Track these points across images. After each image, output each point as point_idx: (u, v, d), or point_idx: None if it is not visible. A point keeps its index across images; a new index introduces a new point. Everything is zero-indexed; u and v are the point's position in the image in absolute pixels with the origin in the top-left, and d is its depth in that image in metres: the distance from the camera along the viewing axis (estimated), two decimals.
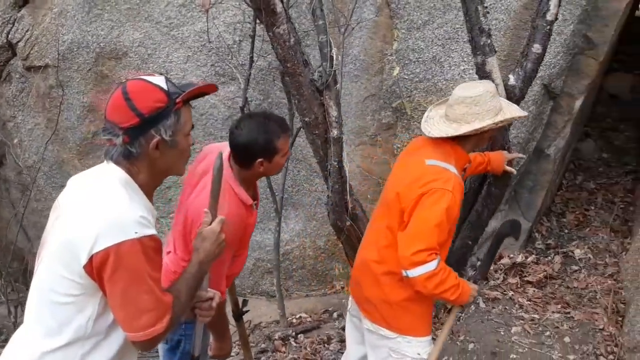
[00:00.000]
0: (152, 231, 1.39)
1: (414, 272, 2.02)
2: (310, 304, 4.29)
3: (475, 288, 2.22)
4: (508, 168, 2.71)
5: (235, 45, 4.29)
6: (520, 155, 2.91)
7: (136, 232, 1.34)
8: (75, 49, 4.55)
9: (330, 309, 4.15)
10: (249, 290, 4.67)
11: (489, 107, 2.14)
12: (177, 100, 1.44)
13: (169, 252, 2.20)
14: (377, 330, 2.26)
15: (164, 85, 1.45)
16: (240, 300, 2.65)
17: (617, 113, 6.50)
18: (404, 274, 2.06)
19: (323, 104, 2.92)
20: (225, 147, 2.19)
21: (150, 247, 1.38)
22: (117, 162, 1.45)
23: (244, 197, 2.12)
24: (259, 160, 2.08)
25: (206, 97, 4.46)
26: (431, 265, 2.01)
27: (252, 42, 3.64)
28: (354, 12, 3.84)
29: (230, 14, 4.28)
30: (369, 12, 4.09)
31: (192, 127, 1.56)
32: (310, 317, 4.14)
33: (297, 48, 2.75)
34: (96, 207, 1.38)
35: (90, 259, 1.33)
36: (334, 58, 2.91)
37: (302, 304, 4.29)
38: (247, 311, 2.65)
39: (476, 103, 2.12)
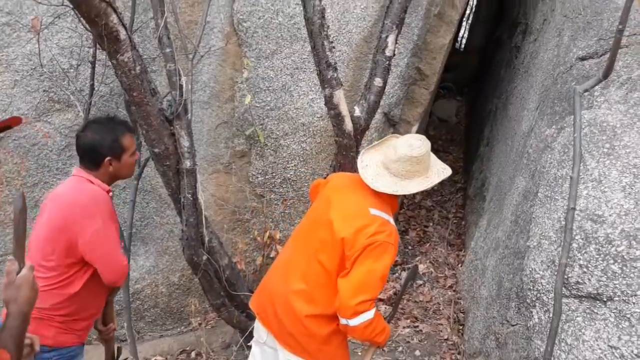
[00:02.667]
0: None
1: (356, 321, 2.08)
2: (165, 345, 4.04)
3: (390, 329, 2.33)
4: None
5: (72, 70, 3.96)
6: None
7: None
8: None
9: (187, 349, 3.95)
10: (94, 336, 4.26)
11: (427, 164, 2.28)
12: None
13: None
14: None
15: None
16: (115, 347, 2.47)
17: (446, 135, 7.24)
18: (344, 322, 2.10)
19: (173, 133, 2.81)
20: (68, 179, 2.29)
21: None
22: None
23: (100, 184, 2.22)
24: (107, 159, 2.22)
25: (38, 125, 4.08)
26: (370, 314, 2.09)
27: (93, 69, 3.39)
28: (201, 39, 3.77)
29: (65, 36, 3.95)
30: (217, 40, 4.05)
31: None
32: (166, 359, 3.90)
33: (144, 76, 2.61)
34: None
35: None
36: (184, 86, 2.82)
37: (156, 346, 4.03)
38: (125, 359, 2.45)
39: (418, 162, 2.24)
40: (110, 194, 2.29)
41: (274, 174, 4.17)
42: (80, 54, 3.92)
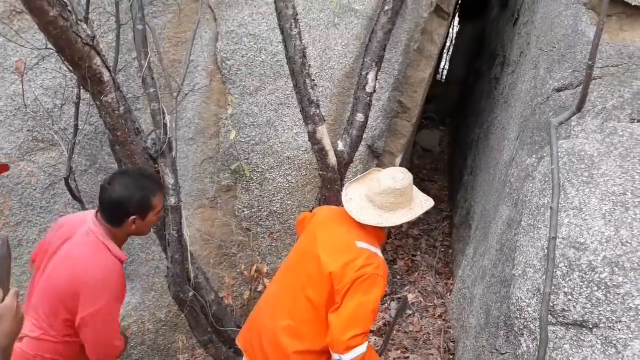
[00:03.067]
0: None
1: (349, 356, 2.07)
2: None
3: None
4: None
5: (56, 109, 3.97)
6: None
7: None
8: None
9: None
10: None
11: (410, 196, 2.32)
12: None
13: (24, 338, 2.01)
14: None
15: None
16: None
17: (431, 165, 7.32)
18: (337, 357, 2.09)
19: (158, 172, 2.82)
20: (85, 214, 2.13)
21: None
22: None
23: (118, 254, 2.03)
24: (133, 218, 2.04)
25: (22, 165, 4.06)
26: (363, 348, 2.08)
27: (77, 109, 3.41)
28: (186, 77, 3.82)
29: (50, 76, 3.98)
30: (201, 78, 4.11)
31: None
32: None
33: (128, 116, 2.63)
34: None
35: None
36: (168, 125, 2.85)
37: None
38: None
39: (402, 194, 2.28)
40: (124, 262, 2.12)
41: (260, 208, 4.18)
42: (65, 94, 3.95)
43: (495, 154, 4.22)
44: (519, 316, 2.44)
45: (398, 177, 2.30)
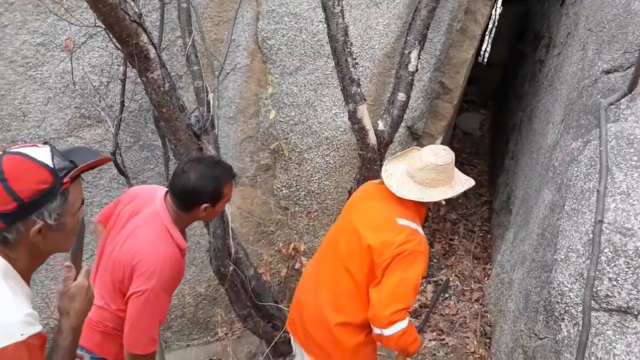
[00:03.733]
0: (38, 328, 1.22)
1: (390, 331, 2.09)
2: (192, 355, 4.09)
3: (423, 340, 2.36)
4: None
5: (102, 87, 4.08)
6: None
7: (22, 334, 1.17)
8: None
9: (213, 358, 3.99)
10: None
11: (451, 174, 2.30)
12: (65, 180, 1.24)
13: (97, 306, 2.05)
14: None
15: (48, 161, 1.23)
16: None
17: (471, 148, 7.20)
18: (379, 331, 2.11)
19: (201, 148, 2.88)
20: (155, 190, 2.13)
21: (36, 346, 1.20)
22: None
23: (179, 241, 2.04)
24: (205, 205, 2.04)
25: (70, 140, 4.21)
26: (404, 323, 2.11)
27: (123, 86, 3.50)
28: (227, 56, 3.86)
29: (96, 55, 4.08)
30: (242, 57, 4.14)
31: (83, 201, 1.35)
32: None
33: (173, 93, 2.69)
34: None
35: None
36: (211, 102, 2.90)
37: (183, 355, 4.08)
38: None
39: (443, 170, 2.26)
40: (184, 249, 2.12)
41: (298, 187, 4.22)
42: (111, 71, 4.05)
43: (539, 138, 4.12)
44: (560, 301, 2.40)
45: (440, 153, 2.28)
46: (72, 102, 4.14)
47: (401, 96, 2.94)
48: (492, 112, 8.24)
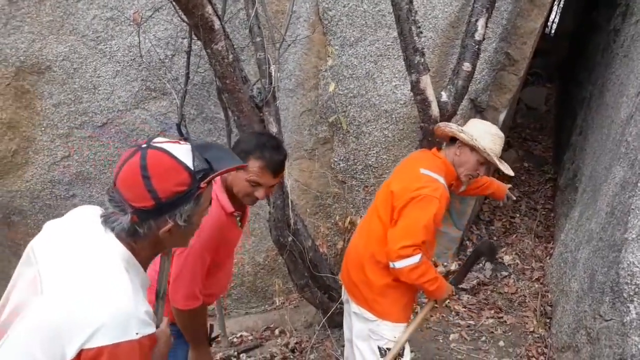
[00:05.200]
0: (152, 329, 1.22)
1: (400, 264, 2.25)
2: (250, 322, 4.22)
3: (451, 288, 2.50)
4: (510, 194, 2.98)
5: (167, 60, 4.19)
6: (514, 197, 3.13)
7: (137, 333, 1.17)
8: None
9: (271, 326, 4.10)
10: None
11: (499, 153, 2.42)
12: (202, 185, 1.24)
13: None
14: (361, 313, 2.47)
15: (189, 162, 1.23)
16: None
17: (535, 124, 6.93)
18: (391, 265, 2.28)
19: (263, 120, 2.91)
20: None
21: (147, 346, 1.20)
22: (118, 236, 1.24)
23: (225, 204, 2.05)
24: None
25: (137, 112, 4.36)
26: (415, 259, 2.24)
27: (188, 58, 3.57)
28: (288, 28, 3.86)
29: (161, 28, 4.19)
30: (303, 29, 4.13)
31: (211, 202, 1.35)
32: (252, 335, 4.07)
33: (236, 65, 2.72)
34: (96, 295, 1.16)
35: (79, 354, 1.13)
36: (273, 74, 2.91)
37: (242, 322, 4.22)
38: (216, 337, 2.55)
39: (501, 144, 2.43)
40: (236, 214, 2.10)
41: (355, 161, 4.21)
42: (175, 44, 4.14)
43: (611, 112, 3.91)
44: (629, 282, 2.31)
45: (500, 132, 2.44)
46: (138, 75, 4.28)
47: (466, 66, 2.85)
48: (558, 86, 7.86)
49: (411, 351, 3.33)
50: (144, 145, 1.24)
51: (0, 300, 1.30)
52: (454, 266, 4.10)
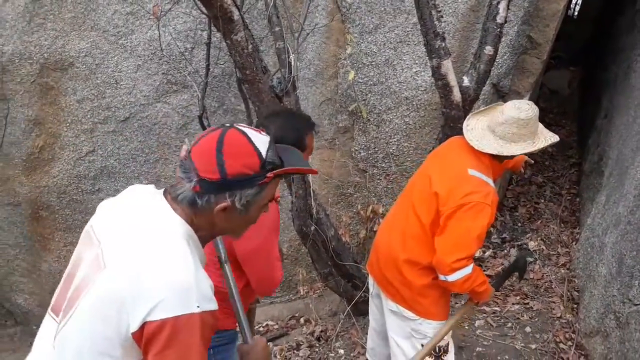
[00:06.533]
0: (214, 306, 1.22)
1: (453, 277, 2.16)
2: (275, 311, 4.26)
3: (493, 291, 2.43)
4: (529, 160, 2.79)
5: (187, 53, 4.22)
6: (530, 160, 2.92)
7: (198, 307, 1.17)
8: (17, 60, 4.36)
9: (296, 315, 4.13)
10: None
11: (534, 129, 2.24)
12: (269, 175, 1.27)
13: None
14: (400, 312, 2.38)
15: (263, 151, 1.26)
16: None
17: (558, 108, 6.80)
18: (442, 278, 2.19)
19: None
20: None
21: (209, 324, 1.21)
22: (180, 203, 1.27)
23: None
24: None
25: (158, 106, 4.40)
26: (468, 269, 2.17)
27: (208, 50, 3.60)
28: (306, 17, 3.85)
29: (180, 21, 4.21)
30: (321, 17, 4.11)
31: (273, 198, 1.36)
32: (277, 324, 4.11)
33: (256, 55, 2.73)
34: (159, 268, 1.18)
35: (142, 326, 1.15)
36: (292, 64, 2.92)
37: (267, 312, 4.26)
38: None
39: (525, 125, 2.20)
40: (279, 199, 2.13)
41: (376, 149, 4.19)
42: (195, 37, 4.17)
43: (637, 94, 3.82)
44: None
45: (523, 107, 2.22)
46: (159, 68, 4.32)
47: (488, 50, 2.81)
48: (582, 69, 7.70)
49: None
50: (228, 125, 1.29)
51: (62, 281, 1.34)
52: (478, 253, 4.07)
